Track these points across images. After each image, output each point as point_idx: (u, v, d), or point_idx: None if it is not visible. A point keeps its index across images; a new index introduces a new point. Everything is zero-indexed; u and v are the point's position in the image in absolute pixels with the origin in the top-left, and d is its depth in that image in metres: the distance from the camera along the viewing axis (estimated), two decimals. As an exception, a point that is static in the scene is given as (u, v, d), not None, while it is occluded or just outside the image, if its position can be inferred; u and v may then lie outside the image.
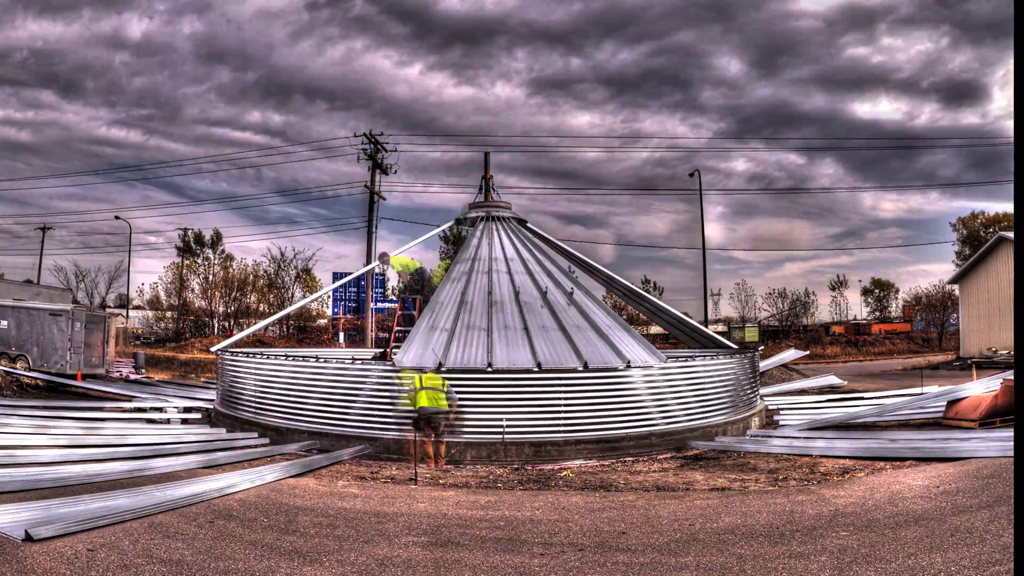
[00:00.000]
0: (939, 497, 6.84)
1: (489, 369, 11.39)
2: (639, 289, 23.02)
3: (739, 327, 51.67)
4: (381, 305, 41.16)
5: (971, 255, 37.55)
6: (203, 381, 24.28)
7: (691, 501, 7.47)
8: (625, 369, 11.61)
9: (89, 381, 20.50)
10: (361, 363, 12.96)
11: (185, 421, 14.15)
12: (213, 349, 17.12)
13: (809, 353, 30.71)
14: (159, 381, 23.24)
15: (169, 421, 13.98)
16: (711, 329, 25.64)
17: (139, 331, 47.58)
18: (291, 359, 13.11)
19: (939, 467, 8.42)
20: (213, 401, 15.83)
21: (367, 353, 19.71)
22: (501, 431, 10.59)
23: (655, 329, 41.76)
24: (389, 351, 14.40)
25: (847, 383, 20.85)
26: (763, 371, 19.69)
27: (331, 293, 47.42)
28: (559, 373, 11.23)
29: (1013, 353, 24.59)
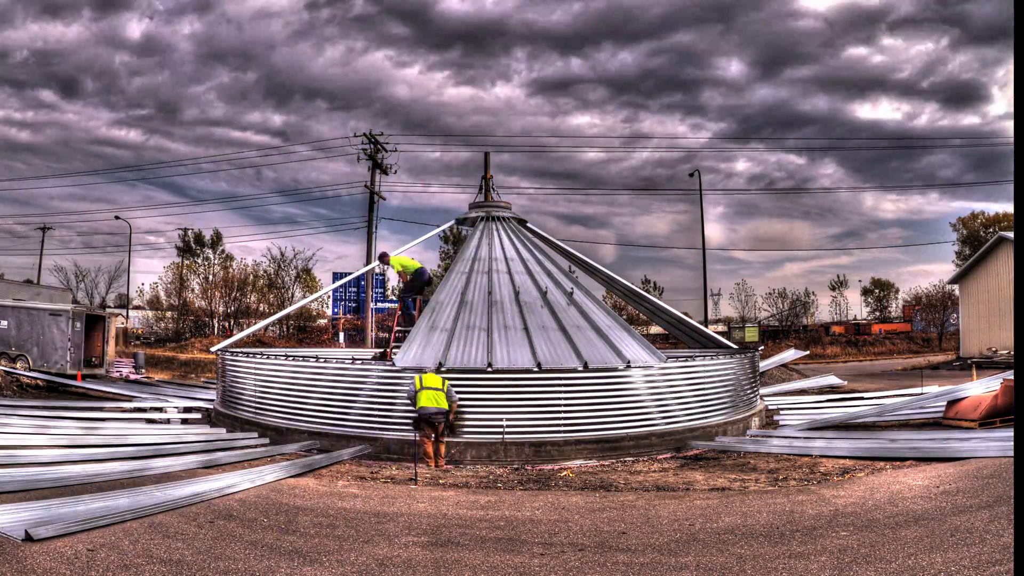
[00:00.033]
0: (939, 497, 6.84)
1: (489, 369, 11.39)
2: (639, 289, 23.02)
3: (739, 327, 51.70)
4: (381, 305, 41.19)
5: (971, 255, 37.55)
6: (203, 381, 24.30)
7: (691, 501, 7.47)
8: (625, 369, 11.61)
9: (89, 381, 20.52)
10: (361, 363, 12.96)
11: (185, 421, 14.16)
12: (213, 349, 17.13)
13: (809, 353, 30.72)
14: (159, 381, 23.25)
15: (169, 421, 13.98)
16: (711, 329, 25.64)
17: (139, 331, 47.59)
18: (291, 359, 13.12)
19: (939, 467, 8.42)
20: (213, 401, 15.83)
21: (367, 353, 19.70)
22: (501, 431, 10.59)
23: (655, 329, 41.79)
24: (389, 351, 14.40)
25: (847, 383, 20.86)
26: (763, 371, 19.70)
27: (331, 293, 47.45)
28: (559, 373, 11.23)
29: (1013, 353, 24.59)
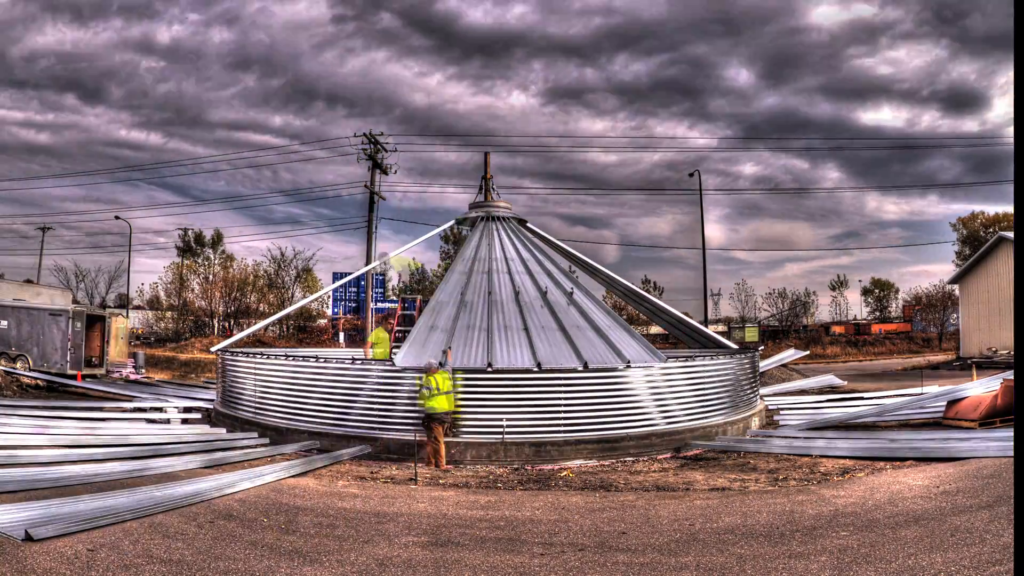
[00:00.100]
0: (939, 497, 6.84)
1: (489, 369, 11.39)
2: (639, 289, 23.01)
3: (739, 327, 51.71)
4: (381, 305, 41.15)
5: (971, 255, 37.55)
6: (203, 381, 24.29)
7: (691, 501, 7.47)
8: (625, 369, 11.60)
9: (89, 381, 20.52)
10: (361, 363, 12.96)
11: (185, 421, 14.15)
12: (213, 349, 17.12)
13: (809, 353, 30.70)
14: (159, 381, 23.25)
15: (169, 421, 13.98)
16: (711, 329, 25.62)
17: (139, 331, 47.61)
18: (291, 359, 13.12)
19: (939, 467, 8.42)
20: (213, 401, 15.83)
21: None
22: (501, 431, 10.59)
23: (655, 329, 41.80)
24: (389, 351, 14.39)
25: (847, 383, 20.85)
26: (763, 371, 19.68)
27: (331, 293, 47.44)
28: (559, 373, 11.23)
29: (1013, 353, 24.58)
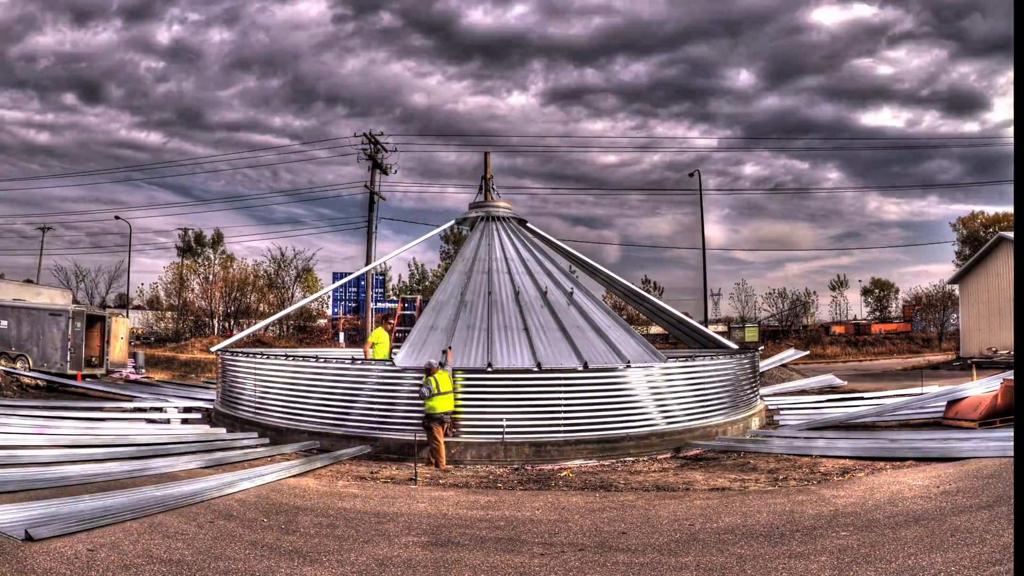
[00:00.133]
0: (939, 497, 6.84)
1: (489, 369, 11.39)
2: (639, 289, 23.01)
3: (739, 327, 51.72)
4: (381, 305, 41.12)
5: (971, 255, 37.56)
6: (203, 381, 24.29)
7: (691, 501, 7.47)
8: (625, 369, 11.60)
9: (89, 381, 20.51)
10: (361, 363, 12.96)
11: (185, 421, 14.15)
12: (213, 349, 17.12)
13: (809, 353, 30.69)
14: (159, 381, 23.24)
15: (169, 421, 13.98)
16: (711, 329, 25.61)
17: (139, 331, 47.62)
18: (291, 359, 13.12)
19: (939, 467, 8.42)
20: (213, 401, 15.83)
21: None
22: (501, 431, 10.59)
23: (655, 329, 41.80)
24: (389, 351, 14.39)
25: (847, 383, 20.85)
26: (763, 371, 19.68)
27: (331, 293, 47.42)
28: (559, 373, 11.23)
29: (1013, 353, 24.59)
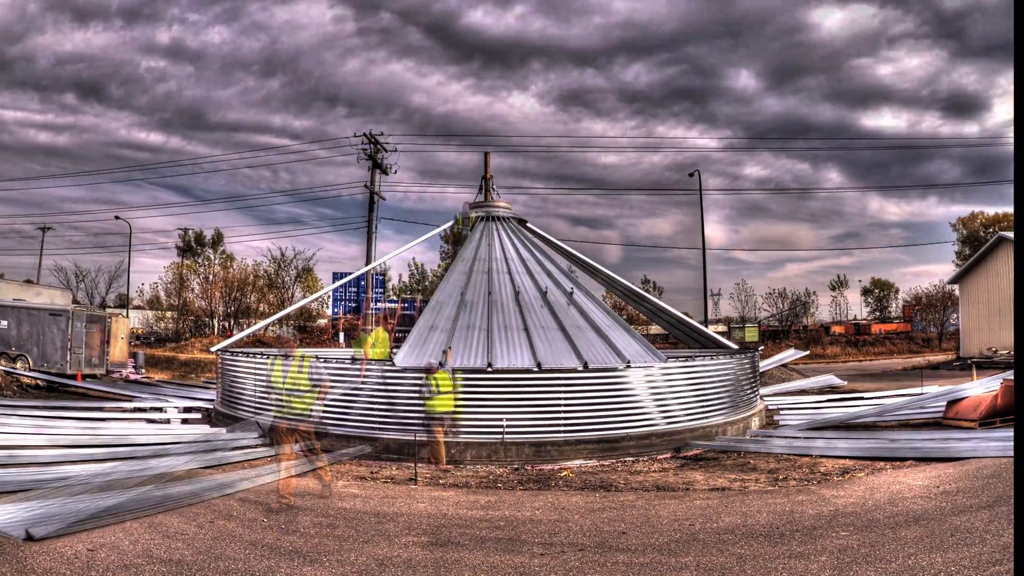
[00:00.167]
0: (939, 497, 6.84)
1: (489, 369, 11.39)
2: (639, 289, 23.01)
3: (739, 327, 51.72)
4: (381, 305, 41.11)
5: (971, 255, 37.57)
6: (203, 381, 24.29)
7: (691, 501, 7.47)
8: (625, 369, 11.60)
9: (89, 381, 20.51)
10: (363, 363, 12.94)
11: (185, 421, 14.15)
12: (213, 349, 17.12)
13: (809, 353, 30.70)
14: (159, 381, 23.25)
15: (169, 421, 13.98)
16: (711, 329, 25.62)
17: (139, 331, 47.63)
18: (291, 359, 13.08)
19: (939, 467, 8.42)
20: (213, 401, 15.83)
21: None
22: (501, 431, 10.59)
23: (655, 329, 41.79)
24: (389, 351, 14.39)
25: (847, 383, 20.85)
26: (763, 371, 19.69)
27: (331, 293, 47.42)
28: (559, 373, 11.23)
29: (1013, 353, 24.58)
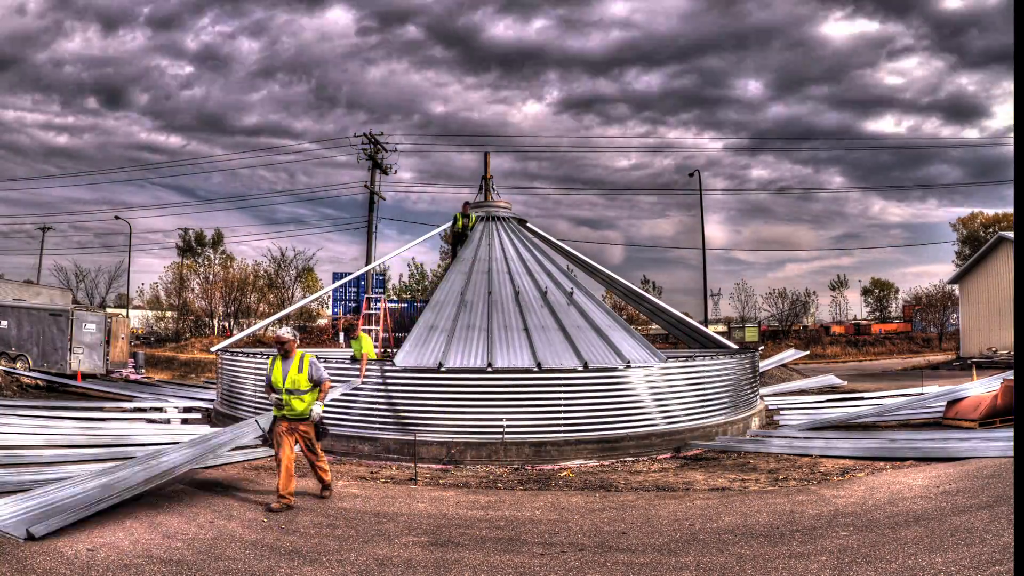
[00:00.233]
0: (939, 497, 6.84)
1: (489, 369, 11.39)
2: (639, 289, 23.01)
3: (739, 327, 51.72)
4: (381, 306, 41.06)
5: (971, 255, 37.57)
6: (203, 381, 24.29)
7: (691, 501, 7.47)
8: (625, 369, 11.60)
9: (89, 381, 20.50)
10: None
11: (185, 421, 14.14)
12: (213, 349, 17.12)
13: (809, 353, 30.70)
14: (159, 381, 23.24)
15: (169, 421, 13.97)
16: (711, 329, 25.63)
17: (139, 331, 47.63)
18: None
19: (939, 467, 8.42)
20: (213, 401, 15.83)
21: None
22: (501, 431, 10.59)
23: (655, 329, 41.79)
24: (390, 351, 14.40)
25: (847, 383, 20.85)
26: (763, 371, 19.69)
27: (331, 293, 47.41)
28: (559, 373, 11.23)
29: (1013, 353, 24.58)
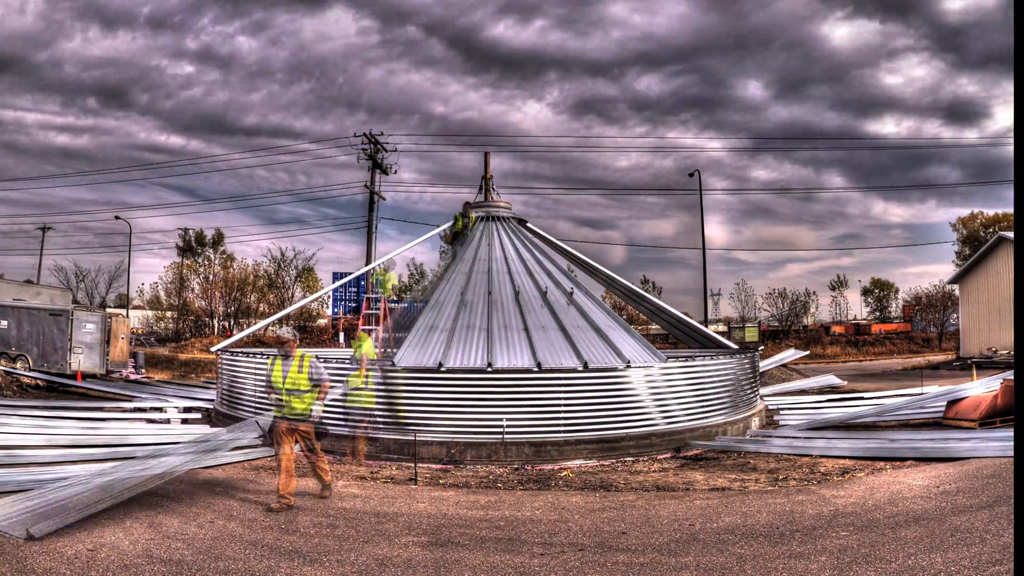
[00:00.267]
0: (939, 497, 6.84)
1: (489, 369, 11.39)
2: (639, 289, 23.01)
3: (739, 327, 51.73)
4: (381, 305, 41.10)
5: (971, 255, 37.57)
6: (203, 381, 24.28)
7: (691, 501, 7.47)
8: (625, 369, 11.60)
9: (89, 381, 20.50)
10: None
11: (185, 421, 14.14)
12: (213, 349, 17.12)
13: (809, 353, 30.70)
14: (159, 381, 23.24)
15: (169, 421, 13.97)
16: (711, 329, 25.61)
17: (139, 331, 47.65)
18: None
19: (939, 467, 8.42)
20: (213, 401, 15.82)
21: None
22: (501, 431, 10.59)
23: (655, 329, 41.79)
24: (390, 351, 14.40)
25: (847, 383, 20.85)
26: (763, 371, 19.69)
27: (331, 293, 47.44)
28: (559, 373, 11.23)
29: (1013, 353, 24.59)
